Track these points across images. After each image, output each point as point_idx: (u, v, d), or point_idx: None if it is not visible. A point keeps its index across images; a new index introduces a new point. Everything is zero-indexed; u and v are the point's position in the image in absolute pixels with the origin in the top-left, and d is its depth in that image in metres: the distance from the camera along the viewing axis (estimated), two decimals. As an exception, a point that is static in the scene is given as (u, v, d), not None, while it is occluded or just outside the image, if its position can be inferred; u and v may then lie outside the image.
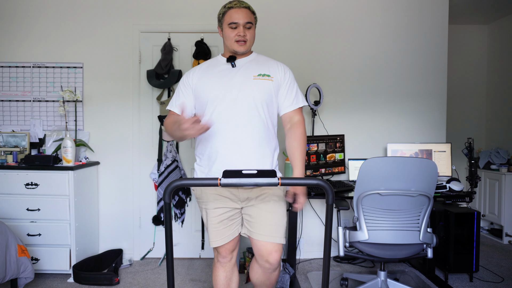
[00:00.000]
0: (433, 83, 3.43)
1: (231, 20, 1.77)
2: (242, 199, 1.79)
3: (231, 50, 1.82)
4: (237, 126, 1.73)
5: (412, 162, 2.08)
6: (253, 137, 1.75)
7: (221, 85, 1.77)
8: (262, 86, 1.78)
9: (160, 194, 3.24)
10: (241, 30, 1.77)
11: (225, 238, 1.82)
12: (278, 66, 1.86)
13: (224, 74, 1.81)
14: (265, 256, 1.78)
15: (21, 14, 3.30)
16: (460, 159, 4.30)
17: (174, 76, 3.20)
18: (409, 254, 2.23)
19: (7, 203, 2.85)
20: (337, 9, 3.38)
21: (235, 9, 1.78)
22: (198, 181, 1.38)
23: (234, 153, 1.73)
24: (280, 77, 1.84)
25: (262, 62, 1.87)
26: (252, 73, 1.80)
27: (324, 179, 2.63)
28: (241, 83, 1.77)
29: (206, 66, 1.89)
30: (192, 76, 1.86)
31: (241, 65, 1.83)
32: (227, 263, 1.90)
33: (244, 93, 1.75)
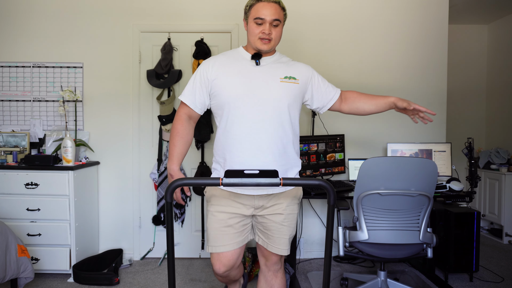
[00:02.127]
0: (433, 83, 3.43)
1: (257, 15, 1.63)
2: (257, 206, 1.70)
3: (254, 47, 1.69)
4: (261, 131, 1.63)
5: (412, 162, 2.08)
6: (277, 143, 1.65)
7: (244, 85, 1.65)
8: (289, 89, 1.69)
9: (160, 194, 3.24)
10: (267, 28, 1.64)
11: (229, 246, 1.70)
12: (301, 68, 1.79)
13: (247, 72, 1.69)
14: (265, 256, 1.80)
15: (21, 14, 3.30)
16: (460, 159, 4.30)
17: (174, 76, 3.20)
18: (409, 254, 2.23)
19: (7, 203, 2.85)
20: (337, 9, 3.38)
21: (263, 3, 1.63)
22: (199, 180, 1.37)
23: (257, 161, 1.63)
24: (306, 78, 1.77)
25: (286, 63, 1.77)
26: (278, 75, 1.70)
27: (324, 179, 2.63)
28: (266, 85, 1.66)
29: (226, 59, 1.74)
30: (211, 68, 1.70)
31: (265, 64, 1.72)
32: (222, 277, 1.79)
33: (269, 96, 1.65)
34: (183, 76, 3.29)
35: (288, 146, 1.70)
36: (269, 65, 1.72)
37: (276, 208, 1.71)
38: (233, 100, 1.65)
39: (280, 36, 1.71)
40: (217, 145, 1.75)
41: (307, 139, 2.94)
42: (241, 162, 1.64)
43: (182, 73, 3.28)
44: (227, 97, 1.66)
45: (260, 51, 1.69)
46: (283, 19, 1.70)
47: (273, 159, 1.65)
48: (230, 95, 1.65)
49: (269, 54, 1.75)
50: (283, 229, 1.72)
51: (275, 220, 1.71)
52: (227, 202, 1.70)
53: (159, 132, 3.30)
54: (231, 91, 1.65)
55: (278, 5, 1.66)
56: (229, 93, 1.65)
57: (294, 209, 1.76)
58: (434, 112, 1.78)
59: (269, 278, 1.80)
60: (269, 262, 1.79)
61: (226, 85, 1.67)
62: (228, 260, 1.71)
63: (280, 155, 1.67)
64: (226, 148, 1.68)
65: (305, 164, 2.91)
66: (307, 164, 2.93)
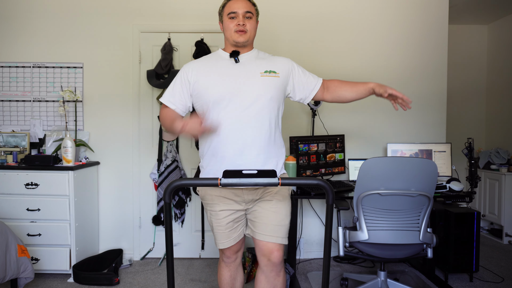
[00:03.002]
0: (433, 83, 3.43)
1: (230, 10, 1.74)
2: (247, 201, 1.75)
3: (231, 42, 1.75)
4: (246, 127, 1.67)
5: (412, 162, 2.08)
6: (262, 136, 1.69)
7: (225, 83, 1.69)
8: (270, 83, 1.73)
9: (160, 194, 3.24)
10: (241, 20, 1.72)
11: (232, 240, 1.80)
12: (281, 61, 1.83)
13: (227, 70, 1.73)
14: (267, 255, 1.75)
15: (21, 14, 3.30)
16: (460, 159, 4.30)
17: (174, 76, 3.19)
18: (409, 254, 2.23)
19: (7, 203, 2.85)
20: (337, 9, 3.38)
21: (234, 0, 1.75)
22: (198, 181, 1.37)
23: (241, 155, 1.68)
24: (286, 70, 1.81)
25: (265, 58, 1.82)
26: (258, 70, 1.74)
27: (324, 179, 2.63)
28: (247, 81, 1.70)
29: (205, 61, 1.80)
30: (191, 71, 1.76)
31: (244, 61, 1.76)
32: (232, 263, 1.90)
33: (251, 91, 1.68)
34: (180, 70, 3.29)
35: (272, 139, 1.74)
36: (248, 62, 1.77)
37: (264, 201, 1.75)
38: (216, 99, 1.68)
39: (255, 29, 1.79)
40: (202, 144, 1.79)
41: (307, 139, 2.93)
42: (228, 158, 1.68)
43: (182, 73, 3.28)
44: (210, 97, 1.69)
45: (238, 43, 1.74)
46: (255, 12, 1.79)
47: (257, 153, 1.69)
48: (213, 94, 1.69)
49: (247, 51, 1.80)
50: (269, 215, 1.73)
51: (263, 206, 1.75)
52: (219, 199, 1.75)
53: (159, 132, 3.31)
54: (213, 90, 1.69)
55: (249, 1, 1.77)
56: (211, 93, 1.69)
57: (283, 197, 1.77)
58: (410, 100, 1.76)
59: (271, 278, 1.79)
60: (271, 262, 1.76)
61: (208, 86, 1.71)
62: (233, 250, 1.86)
63: (265, 148, 1.71)
64: (212, 145, 1.72)
65: (305, 164, 2.91)
66: (307, 164, 2.93)
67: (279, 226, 1.74)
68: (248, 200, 1.75)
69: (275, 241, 1.73)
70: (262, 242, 1.75)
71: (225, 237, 1.79)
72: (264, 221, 1.73)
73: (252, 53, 1.81)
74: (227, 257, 1.87)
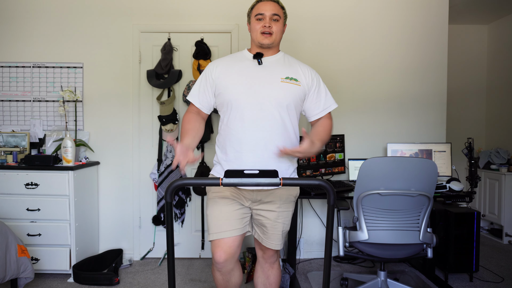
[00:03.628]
0: (433, 83, 3.43)
1: (258, 12, 1.75)
2: (254, 200, 1.77)
3: (257, 43, 1.77)
4: (260, 129, 1.69)
5: (412, 162, 2.08)
6: (275, 141, 1.70)
7: (245, 84, 1.72)
8: (289, 90, 1.73)
9: (160, 194, 3.24)
10: (267, 22, 1.73)
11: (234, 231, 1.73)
12: (305, 71, 1.82)
13: (249, 71, 1.75)
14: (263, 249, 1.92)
15: (21, 14, 3.30)
16: (460, 159, 4.30)
17: (174, 76, 3.20)
18: (409, 254, 2.23)
19: (7, 203, 2.85)
20: (337, 9, 3.38)
21: (263, 1, 1.77)
22: (199, 180, 1.38)
23: (254, 156, 1.70)
24: (307, 83, 1.80)
25: (290, 64, 1.82)
26: (280, 75, 1.75)
27: (324, 179, 2.63)
28: (267, 84, 1.72)
29: (231, 61, 1.83)
30: (215, 68, 1.79)
31: (267, 64, 1.78)
32: (222, 268, 1.79)
33: (269, 95, 1.70)
34: (183, 76, 3.29)
35: (286, 143, 1.74)
36: (271, 65, 1.78)
37: (271, 205, 1.78)
38: (234, 98, 1.72)
39: (281, 32, 1.80)
40: (218, 140, 1.83)
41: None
42: (239, 157, 1.71)
43: (182, 73, 3.29)
44: (229, 95, 1.73)
45: (263, 45, 1.76)
46: (282, 16, 1.79)
47: (269, 156, 1.71)
48: (232, 93, 1.72)
49: (272, 54, 1.81)
50: (277, 226, 1.81)
51: (269, 217, 1.79)
52: (229, 189, 1.77)
53: (159, 132, 3.30)
54: (233, 89, 1.73)
55: (277, 4, 1.79)
56: (231, 91, 1.73)
57: (288, 206, 1.84)
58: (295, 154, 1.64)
59: (266, 269, 1.96)
60: (266, 255, 1.92)
61: (229, 84, 1.74)
62: (229, 247, 1.74)
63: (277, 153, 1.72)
64: (227, 142, 1.75)
65: (305, 164, 2.91)
66: (307, 164, 2.93)
67: (283, 234, 1.86)
68: (256, 199, 1.77)
69: (275, 248, 1.86)
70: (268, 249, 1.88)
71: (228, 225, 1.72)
72: (274, 231, 1.82)
73: (276, 57, 1.82)
74: (217, 262, 1.76)
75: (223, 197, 1.77)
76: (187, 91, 3.14)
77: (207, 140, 3.27)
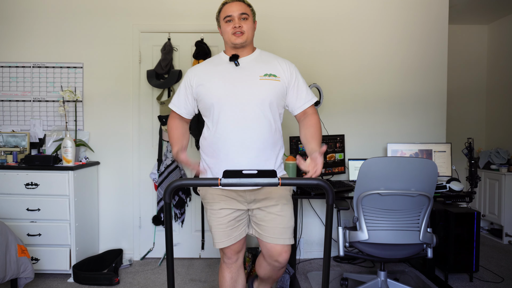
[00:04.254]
0: (433, 83, 3.43)
1: (225, 14, 1.77)
2: (249, 201, 1.78)
3: (230, 44, 1.79)
4: (244, 128, 1.71)
5: (412, 162, 2.08)
6: (260, 138, 1.73)
7: (225, 86, 1.74)
8: (269, 87, 1.75)
9: (160, 194, 3.24)
10: (236, 22, 1.75)
11: (232, 239, 1.82)
12: (283, 65, 1.82)
13: (228, 74, 1.77)
14: (275, 256, 1.82)
15: (21, 14, 3.30)
16: (460, 159, 4.30)
17: (174, 76, 3.20)
18: (409, 254, 2.23)
19: (7, 203, 2.85)
20: (337, 9, 3.38)
21: (228, 3, 1.78)
22: (198, 181, 1.38)
23: (240, 156, 1.71)
24: (287, 77, 1.81)
25: (267, 60, 1.83)
26: (258, 73, 1.76)
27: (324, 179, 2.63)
28: (247, 84, 1.74)
29: (208, 65, 1.85)
30: (194, 76, 1.82)
31: (245, 64, 1.80)
32: (233, 264, 1.90)
33: (250, 95, 1.72)
34: (183, 76, 3.28)
35: (270, 142, 1.77)
36: (248, 64, 1.80)
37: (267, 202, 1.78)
38: (216, 102, 1.74)
39: (253, 29, 1.81)
40: (203, 144, 1.84)
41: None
42: (227, 159, 1.73)
43: (182, 74, 3.28)
44: (211, 99, 1.75)
45: (236, 45, 1.77)
46: (250, 13, 1.81)
47: (256, 155, 1.73)
48: (213, 97, 1.74)
49: (248, 53, 1.83)
50: (277, 219, 1.79)
51: (269, 211, 1.79)
52: (221, 198, 1.79)
53: (159, 132, 3.31)
54: (214, 93, 1.75)
55: (243, 2, 1.80)
56: (212, 95, 1.75)
57: (286, 200, 1.83)
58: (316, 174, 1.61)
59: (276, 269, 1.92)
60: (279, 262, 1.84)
61: (209, 89, 1.76)
62: (234, 250, 1.87)
63: (264, 150, 1.75)
64: (213, 146, 1.77)
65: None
66: (307, 164, 2.92)
67: (286, 228, 1.81)
68: (250, 200, 1.78)
69: (283, 243, 1.80)
70: (270, 245, 1.81)
71: (225, 236, 1.80)
72: (271, 224, 1.79)
73: (253, 56, 1.83)
74: (228, 257, 1.88)
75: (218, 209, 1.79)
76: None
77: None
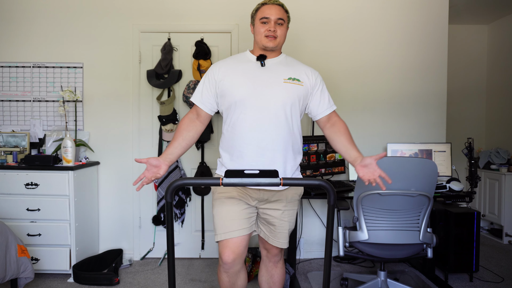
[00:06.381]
0: (433, 83, 3.43)
1: (263, 15, 1.76)
2: (261, 199, 1.78)
3: (260, 45, 1.78)
4: (264, 130, 1.71)
5: (412, 162, 2.08)
6: (279, 141, 1.73)
7: (248, 85, 1.73)
8: (292, 91, 1.75)
9: (160, 194, 3.24)
10: (272, 25, 1.74)
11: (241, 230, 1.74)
12: (308, 71, 1.84)
13: (252, 73, 1.77)
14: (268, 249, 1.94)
15: (21, 14, 3.30)
16: (460, 159, 4.30)
17: (174, 76, 3.20)
18: (409, 254, 2.23)
19: (7, 203, 2.85)
20: (338, 9, 3.38)
21: (268, 5, 1.77)
22: (200, 180, 1.38)
23: (259, 157, 1.72)
24: (310, 83, 1.82)
25: (292, 65, 1.84)
26: (282, 76, 1.77)
27: (324, 179, 2.63)
28: (270, 85, 1.74)
29: (233, 62, 1.84)
30: (219, 71, 1.80)
31: (270, 66, 1.79)
32: (230, 269, 1.80)
33: (272, 96, 1.72)
34: (183, 76, 3.29)
35: (289, 145, 1.77)
36: (273, 66, 1.80)
37: (278, 204, 1.81)
38: (238, 100, 1.73)
39: (285, 36, 1.81)
40: (222, 141, 1.84)
41: (307, 139, 2.94)
42: (243, 158, 1.73)
43: (182, 73, 3.29)
44: (233, 97, 1.74)
45: (266, 48, 1.77)
46: (286, 19, 1.81)
47: (272, 157, 1.73)
48: (235, 95, 1.73)
49: (274, 56, 1.83)
50: (284, 224, 1.84)
51: (277, 216, 1.81)
52: (235, 189, 1.78)
53: (159, 132, 3.30)
54: (236, 91, 1.74)
55: (282, 7, 1.80)
56: (234, 93, 1.74)
57: (293, 205, 1.88)
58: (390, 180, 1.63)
59: (270, 268, 1.97)
60: (270, 254, 1.93)
61: (232, 86, 1.75)
62: (237, 247, 1.75)
63: (281, 153, 1.74)
64: (231, 143, 1.77)
65: (305, 164, 2.91)
66: (307, 164, 2.93)
67: (288, 233, 1.89)
68: (263, 199, 1.79)
69: (282, 246, 1.88)
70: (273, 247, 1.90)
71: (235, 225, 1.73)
72: (281, 230, 1.85)
73: (279, 59, 1.84)
74: (224, 263, 1.76)
75: (229, 197, 1.77)
76: (187, 91, 3.14)
77: (207, 140, 3.28)
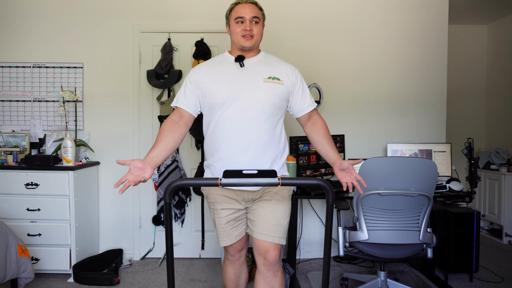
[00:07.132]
0: (433, 83, 3.43)
1: (237, 15, 1.75)
2: (247, 200, 1.79)
3: (238, 46, 1.78)
4: (246, 130, 1.71)
5: (412, 162, 2.08)
6: (261, 140, 1.73)
7: (229, 87, 1.73)
8: (272, 90, 1.75)
9: (160, 194, 3.24)
10: (247, 25, 1.74)
11: (232, 238, 1.85)
12: (288, 69, 1.83)
13: (232, 74, 1.77)
14: (263, 254, 1.76)
15: (20, 14, 3.30)
16: (460, 159, 4.30)
17: (174, 76, 3.20)
18: (409, 254, 2.23)
19: (7, 203, 2.85)
20: (338, 9, 3.38)
21: (241, 4, 1.77)
22: (198, 181, 1.38)
23: (241, 157, 1.72)
24: (291, 81, 1.81)
25: (271, 63, 1.83)
26: (262, 75, 1.76)
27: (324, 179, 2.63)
28: (249, 85, 1.73)
29: (213, 64, 1.84)
30: (199, 73, 1.80)
31: (249, 66, 1.79)
32: (236, 261, 1.95)
33: (252, 96, 1.72)
34: (183, 76, 3.30)
35: (273, 144, 1.77)
36: (253, 66, 1.80)
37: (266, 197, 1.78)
38: (219, 102, 1.73)
39: (261, 34, 1.81)
40: (206, 145, 1.85)
41: (307, 139, 2.93)
42: (227, 160, 1.73)
43: (182, 73, 3.29)
44: (214, 99, 1.74)
45: (244, 48, 1.77)
46: (261, 17, 1.81)
47: (253, 156, 1.73)
48: (216, 96, 1.73)
49: (253, 55, 1.83)
50: (268, 215, 1.76)
51: (262, 206, 1.78)
52: (222, 198, 1.80)
53: (159, 132, 3.30)
54: (217, 93, 1.73)
55: (256, 5, 1.79)
56: (215, 95, 1.74)
57: (282, 198, 1.80)
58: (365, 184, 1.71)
59: (268, 278, 1.78)
60: (267, 260, 1.76)
61: (212, 88, 1.75)
62: (238, 246, 1.90)
63: (264, 153, 1.75)
64: (214, 146, 1.77)
65: (305, 164, 2.91)
66: (307, 164, 2.93)
67: (277, 226, 1.76)
68: (248, 199, 1.79)
69: (271, 241, 1.74)
70: (259, 241, 1.77)
71: (225, 235, 1.84)
72: (262, 220, 1.76)
73: (258, 58, 1.83)
74: (231, 255, 1.93)
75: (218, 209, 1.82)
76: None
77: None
